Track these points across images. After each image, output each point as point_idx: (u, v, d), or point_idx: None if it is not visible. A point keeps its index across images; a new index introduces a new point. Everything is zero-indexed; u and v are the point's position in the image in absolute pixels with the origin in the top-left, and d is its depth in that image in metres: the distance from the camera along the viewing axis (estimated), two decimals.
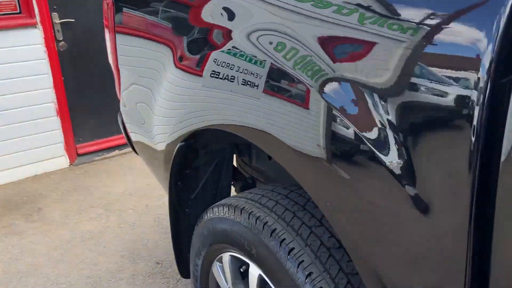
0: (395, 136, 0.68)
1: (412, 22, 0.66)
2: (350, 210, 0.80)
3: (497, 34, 0.56)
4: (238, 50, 0.97)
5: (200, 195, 1.47)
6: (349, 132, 0.74)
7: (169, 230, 2.60)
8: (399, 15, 0.68)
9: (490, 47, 0.57)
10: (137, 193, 3.01)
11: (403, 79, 0.67)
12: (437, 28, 0.63)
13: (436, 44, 0.63)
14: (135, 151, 1.85)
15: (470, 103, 0.59)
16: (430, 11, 0.64)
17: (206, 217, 1.27)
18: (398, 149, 0.68)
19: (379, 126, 0.70)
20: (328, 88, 0.77)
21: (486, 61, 0.57)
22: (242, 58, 0.96)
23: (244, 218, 1.10)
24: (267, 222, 1.06)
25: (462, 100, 0.61)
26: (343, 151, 0.77)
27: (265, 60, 0.89)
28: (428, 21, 0.64)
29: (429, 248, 0.69)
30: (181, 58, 1.19)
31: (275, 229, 1.04)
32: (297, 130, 0.84)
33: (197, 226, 1.35)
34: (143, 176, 3.19)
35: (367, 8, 0.72)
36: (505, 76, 0.56)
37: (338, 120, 0.76)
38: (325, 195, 0.85)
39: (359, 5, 0.73)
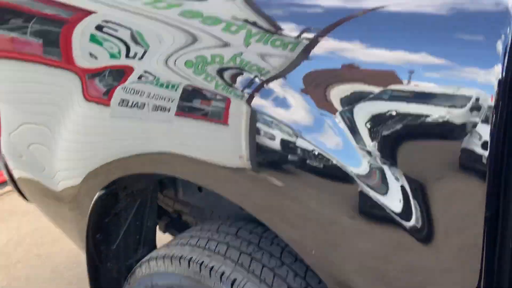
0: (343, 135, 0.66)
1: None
2: (302, 221, 0.76)
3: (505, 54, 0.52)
4: (150, 75, 0.90)
5: (122, 243, 1.27)
6: (282, 139, 0.72)
7: (73, 280, 2.28)
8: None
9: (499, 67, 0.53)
10: (25, 241, 2.58)
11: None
12: None
13: None
14: (22, 194, 1.58)
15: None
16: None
17: (140, 273, 1.08)
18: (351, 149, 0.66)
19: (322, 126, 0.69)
20: (258, 99, 0.75)
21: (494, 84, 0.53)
22: (153, 84, 0.89)
23: (194, 270, 0.95)
24: (224, 272, 0.92)
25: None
26: (283, 159, 0.73)
27: (180, 83, 0.84)
28: None
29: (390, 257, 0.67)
30: (89, 87, 1.04)
31: (235, 279, 0.90)
32: (223, 146, 0.80)
33: (127, 283, 1.14)
34: (29, 220, 2.76)
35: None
36: None
37: (271, 128, 0.74)
38: (266, 206, 0.81)
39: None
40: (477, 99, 0.55)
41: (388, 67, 0.63)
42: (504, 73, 0.53)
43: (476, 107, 0.55)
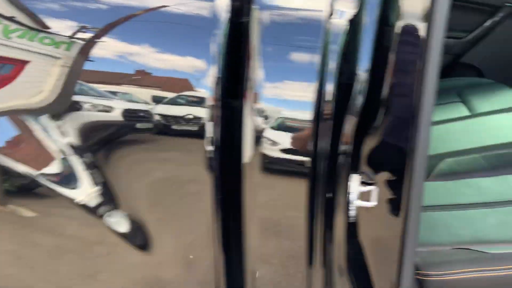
0: (77, 159, 0.65)
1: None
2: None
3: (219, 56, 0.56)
4: None
5: None
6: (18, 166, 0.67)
7: None
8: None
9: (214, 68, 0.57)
10: None
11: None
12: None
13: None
14: None
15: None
16: None
17: None
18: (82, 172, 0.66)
19: (57, 154, 0.66)
20: None
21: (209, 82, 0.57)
22: None
23: None
24: None
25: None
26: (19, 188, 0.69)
27: None
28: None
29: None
30: None
31: None
32: None
33: None
34: None
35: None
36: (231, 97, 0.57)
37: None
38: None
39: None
40: (202, 100, 0.58)
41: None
42: (219, 73, 0.56)
43: (203, 107, 0.58)
